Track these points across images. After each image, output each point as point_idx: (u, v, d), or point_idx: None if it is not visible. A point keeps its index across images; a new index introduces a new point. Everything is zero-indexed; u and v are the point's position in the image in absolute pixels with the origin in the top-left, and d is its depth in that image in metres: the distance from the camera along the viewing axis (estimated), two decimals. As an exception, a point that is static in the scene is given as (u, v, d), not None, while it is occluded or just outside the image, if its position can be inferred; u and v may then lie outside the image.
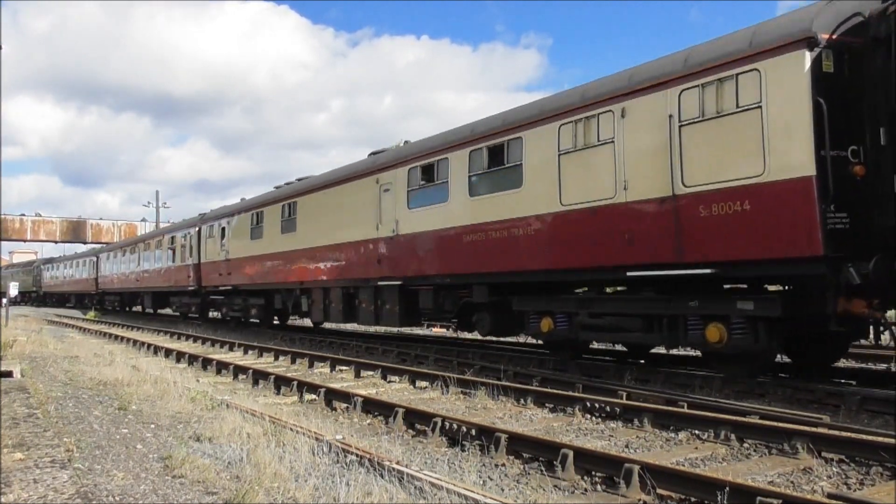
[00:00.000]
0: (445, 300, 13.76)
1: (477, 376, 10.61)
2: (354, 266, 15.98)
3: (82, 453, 5.86)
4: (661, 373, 10.34)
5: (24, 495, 3.98)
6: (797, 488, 5.21)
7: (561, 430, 7.37)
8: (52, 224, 58.02)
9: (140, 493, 4.77)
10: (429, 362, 13.28)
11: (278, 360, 14.83)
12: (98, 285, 43.61)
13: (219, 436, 6.51)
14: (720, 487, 4.59)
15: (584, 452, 5.74)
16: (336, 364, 13.07)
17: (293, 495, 4.66)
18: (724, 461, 6.04)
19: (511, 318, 12.29)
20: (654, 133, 9.19)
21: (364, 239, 15.51)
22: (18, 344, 15.62)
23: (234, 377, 12.07)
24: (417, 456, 6.31)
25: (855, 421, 7.32)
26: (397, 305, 14.68)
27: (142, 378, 10.28)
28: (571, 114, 10.46)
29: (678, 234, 8.88)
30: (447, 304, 13.75)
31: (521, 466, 5.96)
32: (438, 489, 4.68)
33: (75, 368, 12.10)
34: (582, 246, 10.31)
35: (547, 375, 10.62)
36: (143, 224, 59.64)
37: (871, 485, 5.26)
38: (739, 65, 8.28)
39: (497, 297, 12.27)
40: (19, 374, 9.81)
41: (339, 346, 17.01)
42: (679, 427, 7.10)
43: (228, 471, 5.34)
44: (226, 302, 25.27)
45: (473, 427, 6.75)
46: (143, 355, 16.30)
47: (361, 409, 8.47)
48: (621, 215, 9.61)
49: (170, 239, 30.33)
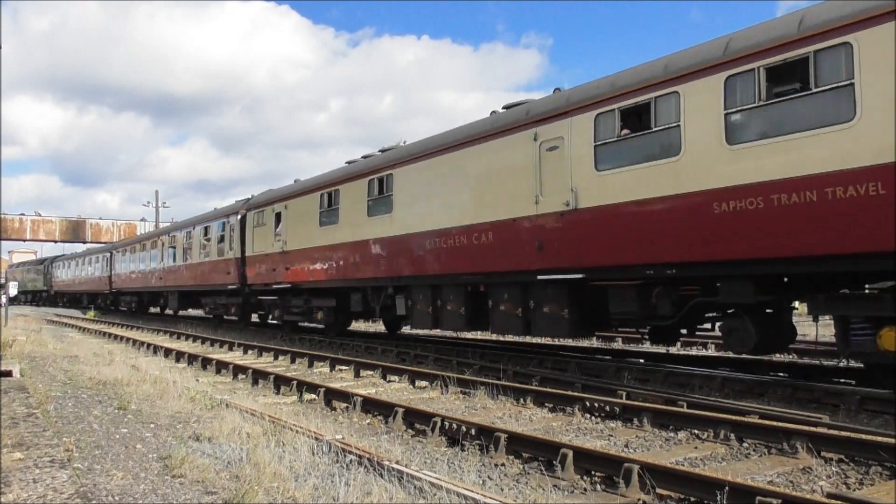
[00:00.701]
0: (661, 300, 9.77)
1: (476, 376, 10.61)
2: (489, 255, 11.83)
3: (82, 453, 5.86)
4: (660, 372, 10.35)
5: (24, 495, 3.98)
6: (797, 488, 5.22)
7: (560, 430, 7.37)
8: (52, 224, 57.99)
9: (139, 492, 4.77)
10: (428, 362, 13.27)
11: (278, 360, 14.83)
12: (112, 284, 39.74)
13: (218, 435, 6.51)
14: (720, 487, 4.59)
15: (584, 452, 5.74)
16: (335, 364, 13.07)
17: (293, 495, 4.66)
18: (724, 461, 6.05)
19: (786, 327, 9.25)
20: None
21: (510, 218, 11.39)
22: (18, 343, 15.61)
23: (233, 377, 12.07)
24: (417, 455, 6.31)
25: (854, 420, 7.33)
26: (566, 308, 10.79)
27: (141, 378, 10.27)
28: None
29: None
30: (663, 306, 9.75)
31: (521, 466, 5.96)
32: (438, 489, 4.68)
33: (75, 368, 12.09)
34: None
35: (546, 375, 10.63)
36: (142, 224, 59.59)
37: (871, 484, 5.26)
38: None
39: (768, 297, 8.67)
40: (19, 373, 9.80)
41: (339, 345, 17.00)
42: (679, 427, 7.11)
43: (228, 470, 5.34)
44: (279, 303, 20.93)
45: (473, 427, 6.75)
46: (142, 355, 16.29)
47: (361, 408, 8.47)
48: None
49: (202, 230, 26.11)
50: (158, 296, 32.97)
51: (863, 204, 7.09)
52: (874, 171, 7.01)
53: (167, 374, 10.87)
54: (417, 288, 14.10)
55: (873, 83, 7.14)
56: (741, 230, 8.13)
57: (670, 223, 8.98)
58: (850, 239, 7.23)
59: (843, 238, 7.28)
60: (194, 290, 27.13)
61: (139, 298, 36.42)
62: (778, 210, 7.76)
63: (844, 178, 7.23)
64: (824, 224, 7.40)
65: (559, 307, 10.90)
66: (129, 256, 36.31)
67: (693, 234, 8.71)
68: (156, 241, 32.19)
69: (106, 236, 57.94)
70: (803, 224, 7.58)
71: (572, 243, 10.36)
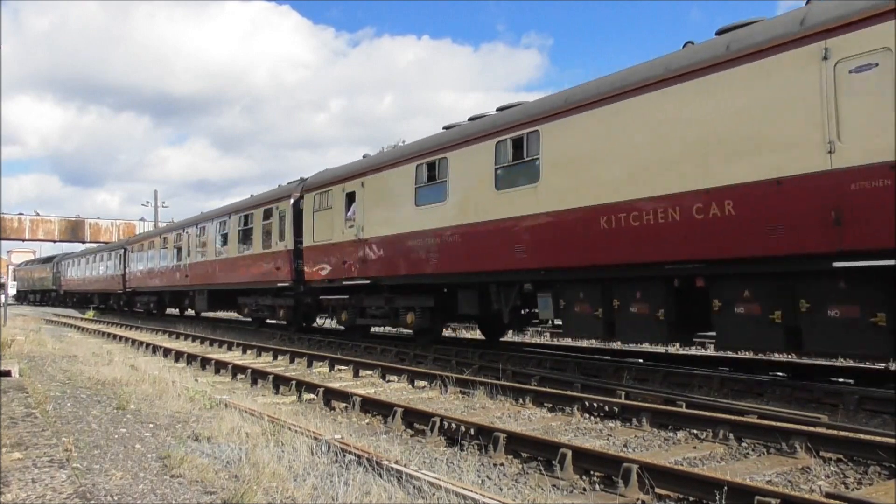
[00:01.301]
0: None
1: (475, 376, 10.61)
2: (719, 235, 8.43)
3: (80, 453, 5.86)
4: (659, 372, 10.35)
5: (23, 495, 3.98)
6: (795, 488, 5.22)
7: (559, 430, 7.37)
8: (51, 223, 57.97)
9: (138, 492, 4.76)
10: (427, 362, 13.27)
11: (277, 360, 14.82)
12: (126, 283, 36.40)
13: (217, 435, 6.50)
14: (718, 487, 4.60)
15: (583, 452, 5.74)
16: (335, 363, 13.06)
17: (292, 495, 4.66)
18: (723, 460, 6.05)
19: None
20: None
21: (769, 179, 7.98)
22: (17, 343, 15.60)
23: (232, 376, 12.07)
24: (416, 455, 6.31)
25: (853, 420, 7.34)
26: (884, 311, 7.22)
27: (140, 377, 10.27)
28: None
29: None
30: None
31: (520, 466, 5.96)
32: (437, 488, 4.68)
33: (74, 368, 12.09)
34: None
35: (545, 375, 10.63)
36: (141, 223, 59.56)
37: (870, 484, 5.27)
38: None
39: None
40: (17, 373, 9.79)
41: (338, 345, 17.00)
42: (677, 426, 7.11)
43: (227, 470, 5.33)
44: (349, 303, 17.18)
45: (472, 426, 6.75)
46: (141, 355, 16.28)
47: (360, 408, 8.46)
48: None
49: (240, 220, 22.38)
50: (182, 295, 29.56)
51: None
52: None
53: (166, 373, 10.86)
54: (575, 284, 10.74)
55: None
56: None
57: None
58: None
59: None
60: (230, 288, 23.47)
61: (158, 298, 32.92)
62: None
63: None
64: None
65: (864, 309, 7.39)
66: (149, 252, 32.91)
67: None
68: (180, 233, 28.57)
69: (105, 236, 57.95)
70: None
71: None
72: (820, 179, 7.54)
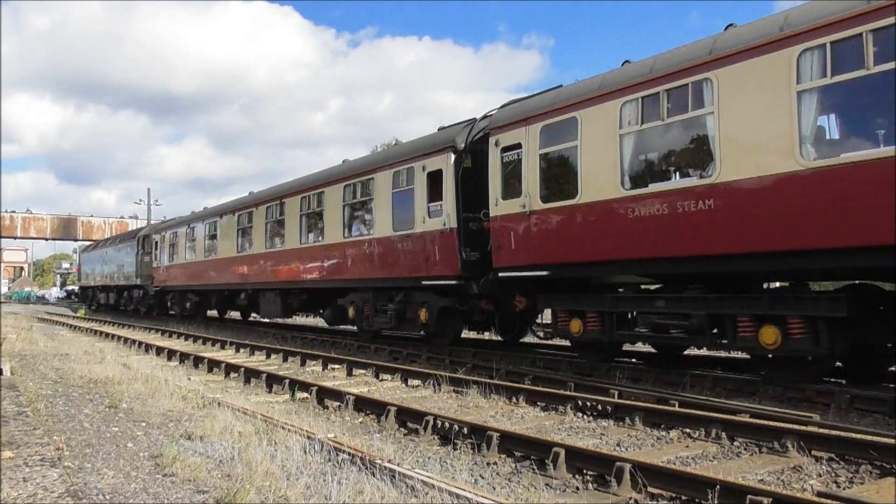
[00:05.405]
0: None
1: (469, 375, 10.59)
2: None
3: (72, 451, 5.83)
4: (652, 371, 10.38)
5: (14, 494, 3.96)
6: (787, 486, 5.24)
7: (553, 429, 7.38)
8: (43, 221, 57.65)
9: (130, 491, 4.75)
10: (421, 360, 13.27)
11: (270, 359, 14.79)
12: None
13: (210, 434, 6.49)
14: (711, 486, 4.61)
15: (576, 451, 5.74)
16: (328, 362, 13.04)
17: (284, 494, 4.65)
18: (715, 459, 6.07)
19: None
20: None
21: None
22: (8, 341, 15.53)
23: (225, 375, 12.03)
24: (409, 454, 6.31)
25: (845, 419, 7.37)
26: None
27: (133, 376, 10.24)
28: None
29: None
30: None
31: (513, 465, 5.97)
32: (430, 487, 4.67)
33: (65, 366, 12.04)
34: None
35: (539, 374, 10.64)
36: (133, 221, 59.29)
37: (861, 483, 5.29)
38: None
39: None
40: (9, 371, 9.75)
41: (331, 344, 16.97)
42: (670, 425, 7.13)
43: (220, 469, 5.32)
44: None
45: (465, 425, 6.75)
46: (133, 353, 16.21)
47: (353, 407, 8.45)
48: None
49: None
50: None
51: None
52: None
53: (159, 372, 10.83)
54: None
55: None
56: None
57: None
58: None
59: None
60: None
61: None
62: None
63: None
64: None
65: None
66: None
67: None
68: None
69: (97, 234, 57.66)
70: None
71: None
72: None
